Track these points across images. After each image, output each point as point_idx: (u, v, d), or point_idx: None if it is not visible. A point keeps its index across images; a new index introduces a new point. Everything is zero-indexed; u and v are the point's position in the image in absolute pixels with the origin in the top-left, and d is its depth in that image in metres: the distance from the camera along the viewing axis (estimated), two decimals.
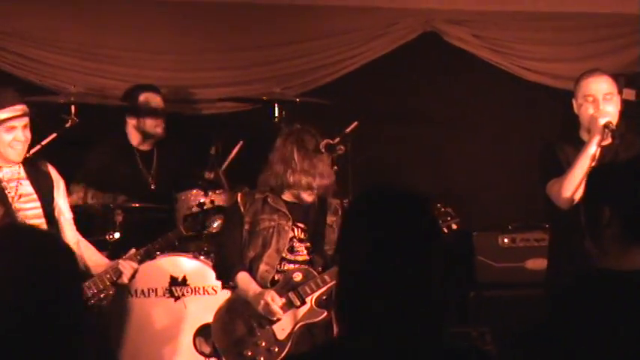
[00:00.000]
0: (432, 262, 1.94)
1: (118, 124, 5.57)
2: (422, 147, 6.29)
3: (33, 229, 2.63)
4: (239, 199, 4.35)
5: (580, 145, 4.11)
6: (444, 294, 1.95)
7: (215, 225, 4.74)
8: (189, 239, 4.93)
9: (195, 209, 4.80)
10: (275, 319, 4.19)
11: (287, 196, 4.28)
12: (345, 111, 5.29)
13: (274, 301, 4.13)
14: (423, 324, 1.91)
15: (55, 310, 1.90)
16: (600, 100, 4.10)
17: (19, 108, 4.15)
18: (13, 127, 4.11)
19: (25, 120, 4.15)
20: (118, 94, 5.74)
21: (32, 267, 1.92)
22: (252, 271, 4.26)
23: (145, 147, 5.54)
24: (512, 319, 5.39)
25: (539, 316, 3.96)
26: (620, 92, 4.34)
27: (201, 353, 4.92)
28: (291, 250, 4.27)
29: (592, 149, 4.06)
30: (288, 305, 4.19)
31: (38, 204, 4.26)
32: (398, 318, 1.89)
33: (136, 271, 4.39)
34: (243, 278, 4.25)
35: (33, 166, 4.30)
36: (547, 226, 4.99)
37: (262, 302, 4.13)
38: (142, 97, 5.48)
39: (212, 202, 4.93)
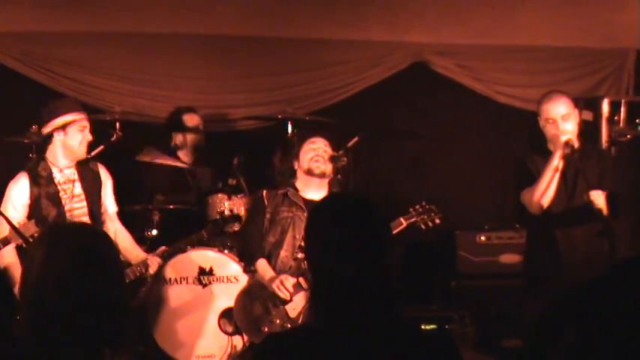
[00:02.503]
0: (383, 253, 1.96)
1: (157, 137, 5.65)
2: (412, 159, 6.44)
3: (81, 225, 2.72)
4: (264, 194, 4.43)
5: (547, 155, 4.22)
6: (395, 281, 1.95)
7: (234, 228, 4.84)
8: (215, 237, 5.01)
9: (216, 217, 4.87)
10: (287, 299, 4.24)
11: (303, 193, 4.36)
12: (347, 128, 5.38)
13: (287, 280, 4.21)
14: (379, 307, 1.92)
15: (102, 291, 1.92)
16: (559, 122, 4.19)
17: (84, 113, 4.32)
18: (84, 127, 4.25)
19: (88, 124, 4.30)
20: (156, 113, 5.89)
21: (83, 256, 1.95)
22: (273, 256, 4.33)
23: (185, 157, 5.65)
24: (488, 305, 5.51)
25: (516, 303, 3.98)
26: (578, 109, 4.41)
27: (225, 332, 4.97)
28: None
29: (555, 162, 4.18)
30: (298, 287, 4.25)
31: (85, 203, 4.32)
32: (358, 305, 1.90)
33: (161, 265, 4.50)
34: (261, 265, 4.33)
35: (85, 167, 4.38)
36: (517, 226, 5.05)
37: (277, 280, 4.20)
38: (185, 117, 5.62)
39: (231, 210, 4.99)
